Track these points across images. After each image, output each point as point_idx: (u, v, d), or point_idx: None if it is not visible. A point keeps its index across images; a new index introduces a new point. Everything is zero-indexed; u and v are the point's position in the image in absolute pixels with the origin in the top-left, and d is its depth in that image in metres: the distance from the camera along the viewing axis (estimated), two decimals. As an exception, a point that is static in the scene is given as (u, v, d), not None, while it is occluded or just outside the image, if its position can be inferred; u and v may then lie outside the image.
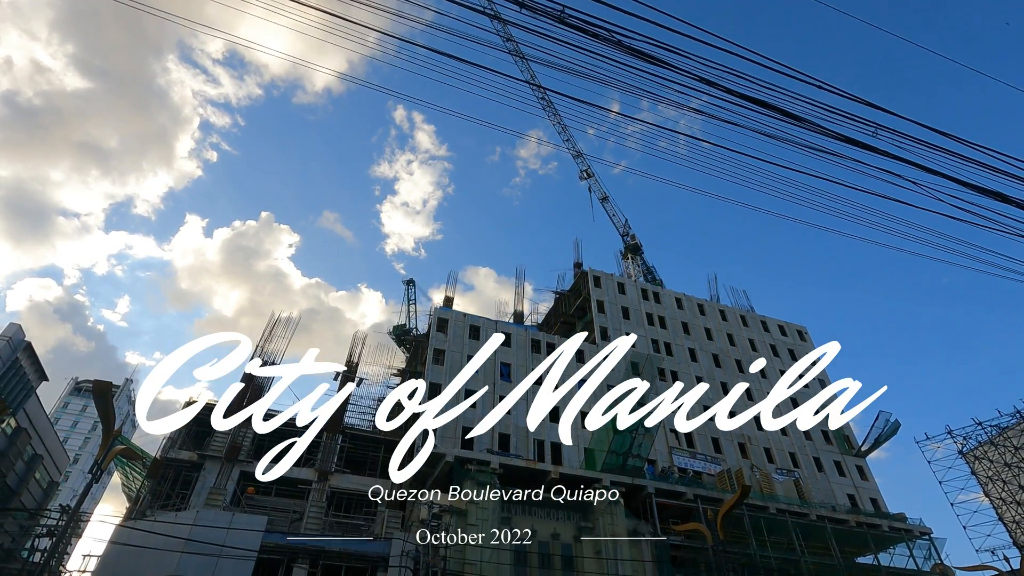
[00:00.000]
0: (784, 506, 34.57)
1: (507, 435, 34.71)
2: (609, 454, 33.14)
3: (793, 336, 52.26)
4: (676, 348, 45.63)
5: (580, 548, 29.13)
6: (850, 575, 32.71)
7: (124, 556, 23.64)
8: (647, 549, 29.64)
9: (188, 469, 30.52)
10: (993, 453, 54.71)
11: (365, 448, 34.22)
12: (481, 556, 25.45)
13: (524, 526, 29.22)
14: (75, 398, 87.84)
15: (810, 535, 33.65)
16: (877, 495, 41.96)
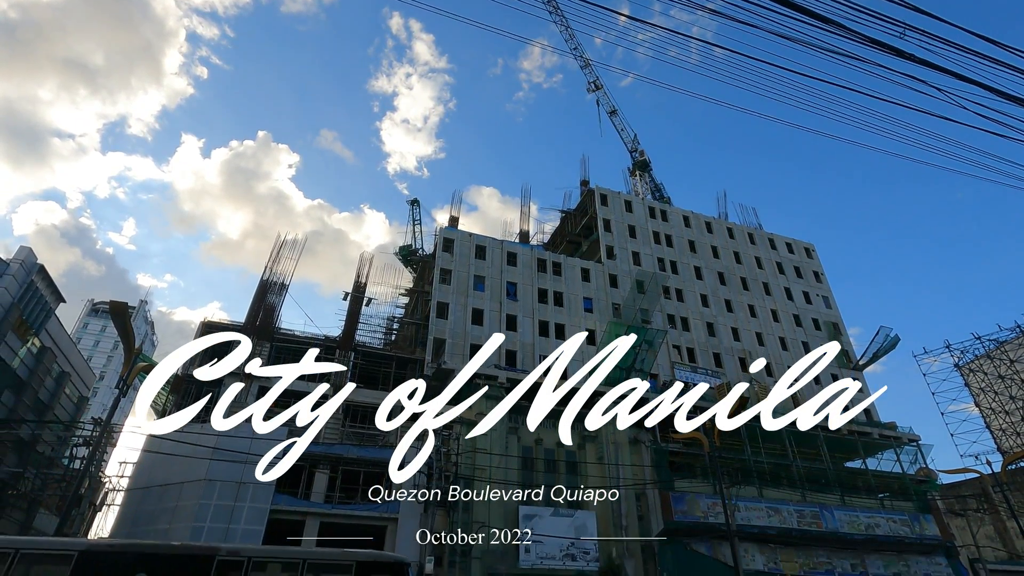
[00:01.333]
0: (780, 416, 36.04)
1: (514, 351, 35.74)
2: (613, 369, 34.19)
3: (800, 253, 52.06)
4: (682, 266, 45.72)
5: (583, 454, 30.85)
6: (838, 478, 34.67)
7: (156, 463, 25.39)
8: (647, 455, 31.36)
9: (209, 385, 31.90)
10: (988, 366, 56.03)
11: (377, 364, 35.45)
12: (490, 462, 27.07)
13: (530, 435, 30.86)
14: (93, 319, 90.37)
15: (803, 442, 35.36)
16: (871, 406, 43.55)
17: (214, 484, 24.36)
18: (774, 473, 33.18)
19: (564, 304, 39.36)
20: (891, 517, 33.10)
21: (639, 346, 34.35)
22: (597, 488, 28.78)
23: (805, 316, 47.07)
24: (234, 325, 34.53)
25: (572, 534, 27.47)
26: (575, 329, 38.45)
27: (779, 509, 30.87)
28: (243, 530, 23.89)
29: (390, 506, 26.34)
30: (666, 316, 41.51)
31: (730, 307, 44.81)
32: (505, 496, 27.25)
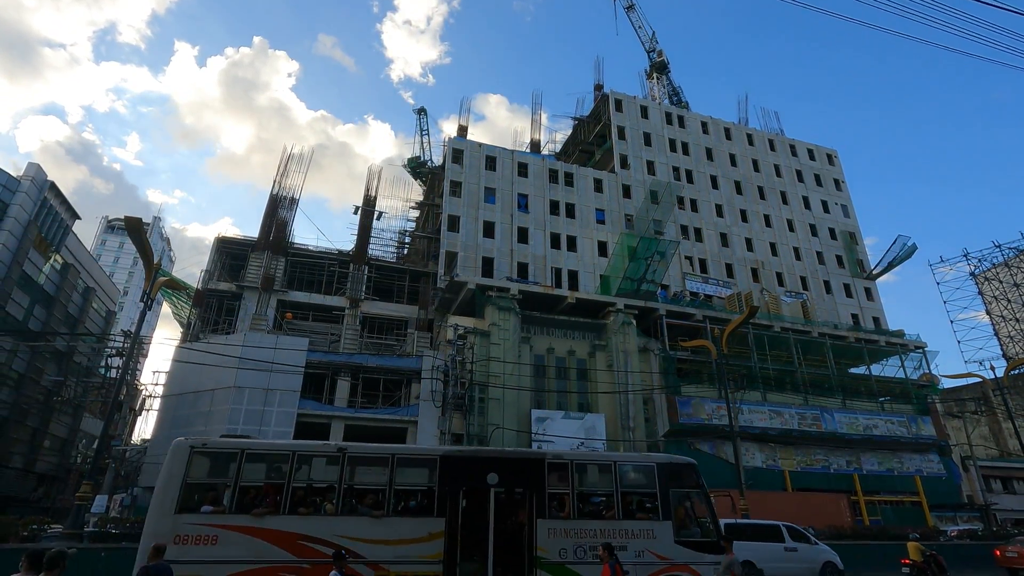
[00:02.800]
0: (788, 325, 36.58)
1: (525, 263, 35.94)
2: (624, 280, 34.43)
3: (822, 160, 50.18)
4: (698, 175, 44.46)
5: (594, 362, 31.90)
6: (841, 383, 35.72)
7: (188, 372, 26.74)
8: (655, 362, 32.35)
9: (229, 299, 32.81)
10: (1004, 274, 55.51)
11: (391, 278, 35.99)
12: (504, 370, 28.15)
13: (543, 344, 31.78)
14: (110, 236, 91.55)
15: (809, 350, 36.11)
16: (880, 314, 43.89)
17: (243, 391, 25.77)
18: (779, 379, 34.22)
19: (576, 216, 38.92)
20: (889, 419, 34.44)
21: (650, 257, 34.30)
22: (606, 393, 30.04)
23: (822, 225, 46.24)
24: (248, 240, 34.87)
25: (582, 435, 29.06)
26: (587, 241, 38.30)
27: (781, 412, 32.17)
28: (273, 432, 25.57)
29: (410, 409, 27.86)
30: (679, 227, 41.02)
31: (745, 217, 44.04)
32: (518, 400, 28.60)
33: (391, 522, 9.05)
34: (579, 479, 10.04)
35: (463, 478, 9.66)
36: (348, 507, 9.14)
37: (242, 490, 8.94)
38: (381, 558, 8.74)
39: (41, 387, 34.38)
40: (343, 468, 9.25)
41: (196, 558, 8.28)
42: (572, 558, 9.20)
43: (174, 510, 8.58)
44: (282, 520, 8.75)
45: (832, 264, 44.69)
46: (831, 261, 44.78)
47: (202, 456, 9.12)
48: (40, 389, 34.27)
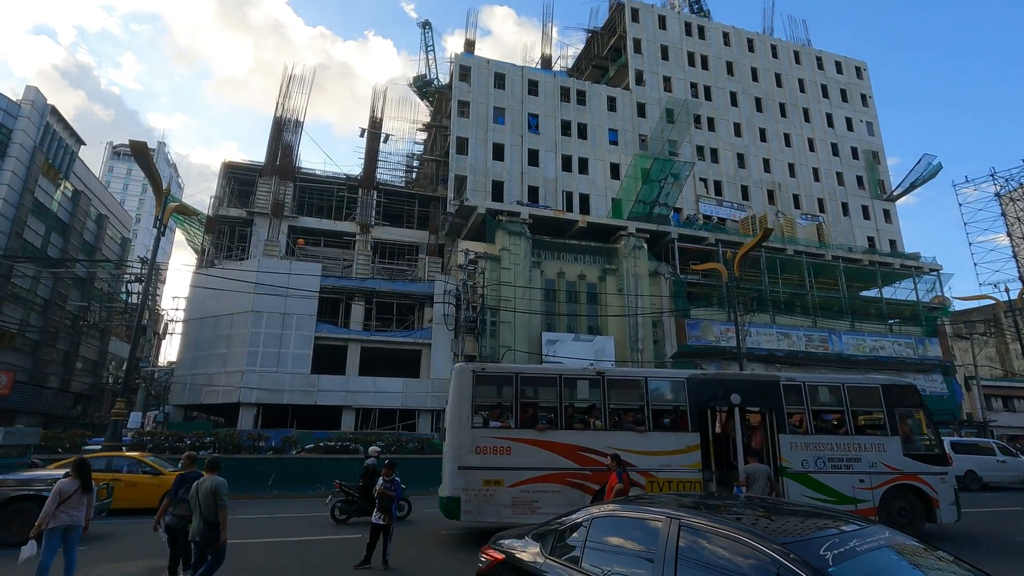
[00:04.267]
0: (802, 248, 36.14)
1: (536, 187, 35.30)
2: (636, 203, 33.83)
3: (850, 73, 47.37)
4: (716, 91, 42.33)
5: (604, 286, 32.06)
6: (852, 305, 35.77)
7: (207, 297, 27.36)
8: (665, 286, 32.44)
9: (240, 225, 32.89)
10: (1032, 194, 53.62)
11: (400, 203, 35.67)
12: (514, 294, 28.45)
13: (553, 269, 31.85)
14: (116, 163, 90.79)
15: (822, 273, 35.88)
16: (897, 237, 43.10)
17: (261, 315, 26.43)
18: (789, 302, 34.30)
19: (588, 137, 37.66)
20: (897, 340, 34.73)
21: (664, 179, 33.47)
22: (616, 316, 30.42)
23: (844, 144, 44.43)
24: (255, 165, 34.43)
25: (591, 356, 29.76)
26: (599, 163, 37.30)
27: (789, 334, 32.51)
28: (293, 354, 26.47)
29: (424, 332, 28.55)
30: (694, 147, 39.65)
31: (764, 136, 42.35)
32: (529, 323, 29.12)
33: (653, 436, 10.18)
34: (811, 399, 10.94)
35: (710, 398, 10.76)
36: (613, 423, 10.27)
37: (522, 408, 10.08)
38: (649, 467, 9.94)
39: (67, 312, 35.50)
40: (604, 389, 10.34)
41: (496, 465, 9.62)
42: (813, 468, 10.25)
43: (470, 425, 9.79)
44: (561, 434, 9.95)
45: (852, 185, 43.39)
46: (851, 182, 43.44)
47: (482, 379, 10.27)
48: (66, 314, 35.40)
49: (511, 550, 4.02)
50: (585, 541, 3.52)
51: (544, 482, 9.66)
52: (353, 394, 26.76)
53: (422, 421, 27.23)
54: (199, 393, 26.75)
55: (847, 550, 2.54)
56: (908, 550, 2.77)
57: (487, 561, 4.15)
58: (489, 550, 4.24)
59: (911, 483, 10.27)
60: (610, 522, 3.56)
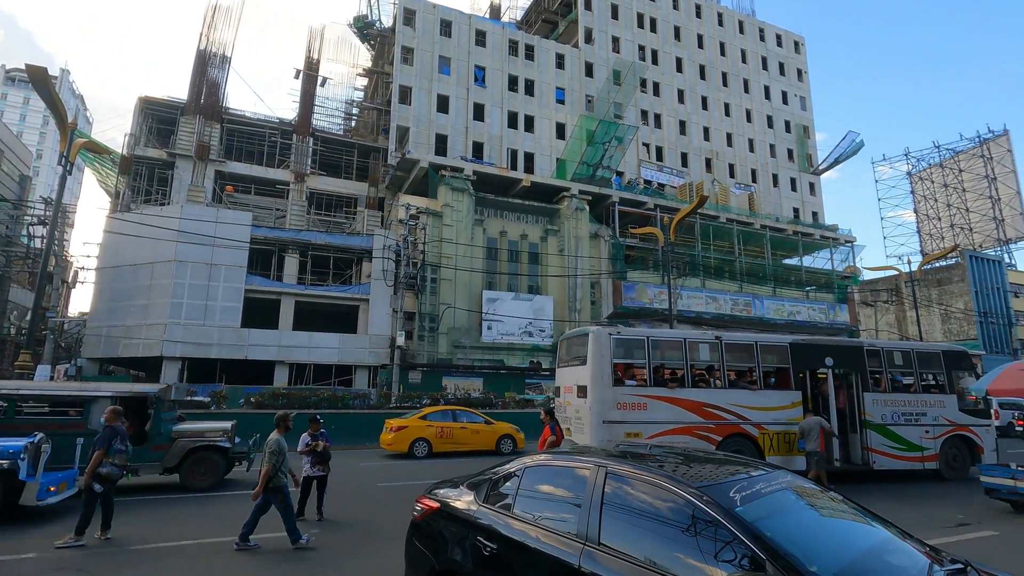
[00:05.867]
0: (734, 216, 37.78)
1: (481, 143, 34.65)
2: (580, 165, 34.00)
3: (788, 47, 48.81)
4: (663, 56, 42.56)
5: (546, 246, 32.37)
6: (775, 272, 38.06)
7: (124, 244, 25.41)
8: (605, 248, 33.17)
9: (161, 167, 30.48)
10: (938, 175, 58.23)
11: (338, 152, 34.11)
12: (456, 251, 28.23)
13: (496, 227, 31.75)
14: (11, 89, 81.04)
15: (750, 241, 37.79)
16: (819, 209, 45.85)
17: (185, 264, 24.93)
18: (719, 267, 36.02)
19: (535, 94, 37.10)
20: (812, 306, 37.44)
21: (608, 142, 33.71)
22: (556, 276, 30.93)
23: (778, 117, 46.18)
24: (176, 102, 31.73)
25: (531, 315, 30.29)
26: (546, 122, 36.97)
27: (717, 298, 34.28)
28: (221, 307, 25.28)
29: (362, 287, 27.95)
30: (639, 111, 40.00)
31: (705, 105, 43.26)
32: (470, 281, 29.11)
33: (764, 393, 11.45)
34: (888, 362, 12.47)
35: (809, 360, 12.03)
36: (731, 382, 11.40)
37: (654, 368, 11.02)
38: (761, 420, 11.17)
39: (-43, 256, 32.01)
40: (721, 352, 11.43)
41: (635, 420, 10.52)
42: (890, 421, 11.84)
43: (611, 384, 10.53)
44: (688, 392, 11.00)
45: (783, 157, 45.41)
46: (782, 154, 45.44)
47: (619, 342, 11.02)
48: (-44, 258, 31.93)
49: (446, 499, 4.12)
50: (518, 489, 3.65)
51: (676, 434, 10.62)
52: (287, 349, 26.04)
53: (359, 376, 26.98)
54: (116, 346, 25.17)
55: (753, 492, 2.79)
56: (805, 492, 3.08)
57: (422, 510, 4.24)
58: (424, 499, 4.32)
59: (964, 434, 12.13)
60: (542, 471, 3.71)
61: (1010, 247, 53.26)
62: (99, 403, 9.19)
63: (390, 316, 27.08)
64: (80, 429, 9.07)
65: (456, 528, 3.84)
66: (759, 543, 2.40)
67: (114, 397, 9.31)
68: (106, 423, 6.92)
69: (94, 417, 9.09)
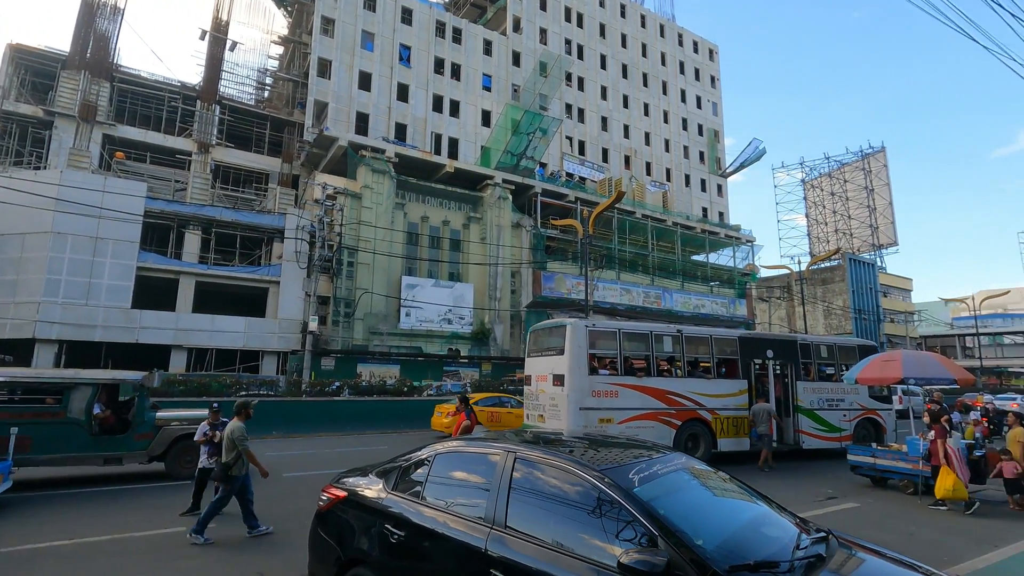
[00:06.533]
0: (649, 213, 39.55)
1: (404, 124, 33.78)
2: (505, 154, 34.11)
3: (704, 54, 51.53)
4: (588, 52, 43.48)
5: (468, 233, 32.26)
6: (683, 268, 40.37)
7: (-14, 211, 22.33)
8: (526, 238, 33.59)
9: (36, 127, 27.09)
10: (827, 184, 64.15)
11: (248, 123, 31.95)
12: (375, 235, 27.43)
13: (417, 212, 31.20)
14: None
15: (663, 237, 39.78)
16: (725, 210, 49.07)
17: (64, 237, 22.37)
18: (633, 261, 37.64)
19: (462, 78, 36.65)
20: (715, 300, 40.13)
21: (533, 133, 34.06)
22: (477, 264, 30.94)
23: (692, 120, 48.75)
24: (56, 54, 28.25)
25: (451, 302, 30.13)
26: (471, 108, 36.67)
27: (631, 290, 35.84)
28: (108, 285, 22.99)
29: (272, 269, 26.48)
30: (564, 104, 40.69)
31: (626, 103, 44.78)
32: (389, 266, 28.45)
33: (717, 382, 12.61)
34: (816, 354, 13.99)
35: (754, 352, 13.38)
36: (689, 371, 12.47)
37: (624, 358, 11.83)
38: (714, 406, 12.33)
39: None
40: (682, 344, 12.49)
41: (608, 406, 11.30)
42: (817, 406, 13.44)
43: (587, 373, 11.22)
44: (654, 380, 11.95)
45: (695, 159, 48.05)
46: (694, 156, 48.08)
47: (594, 333, 11.73)
48: None
49: (355, 487, 4.02)
50: (428, 476, 3.63)
51: (643, 419, 11.53)
52: (186, 332, 24.18)
53: (267, 362, 25.62)
54: (-23, 326, 22.20)
55: (651, 473, 2.96)
56: (698, 472, 3.31)
57: (328, 499, 4.11)
58: (331, 488, 4.19)
59: (872, 417, 13.95)
60: (452, 457, 3.71)
61: (882, 252, 59.85)
62: (79, 390, 8.87)
63: (303, 300, 25.90)
64: (60, 418, 8.67)
65: (364, 517, 3.77)
66: (653, 521, 2.54)
67: (96, 384, 9.10)
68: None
69: (74, 405, 8.78)
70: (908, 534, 7.03)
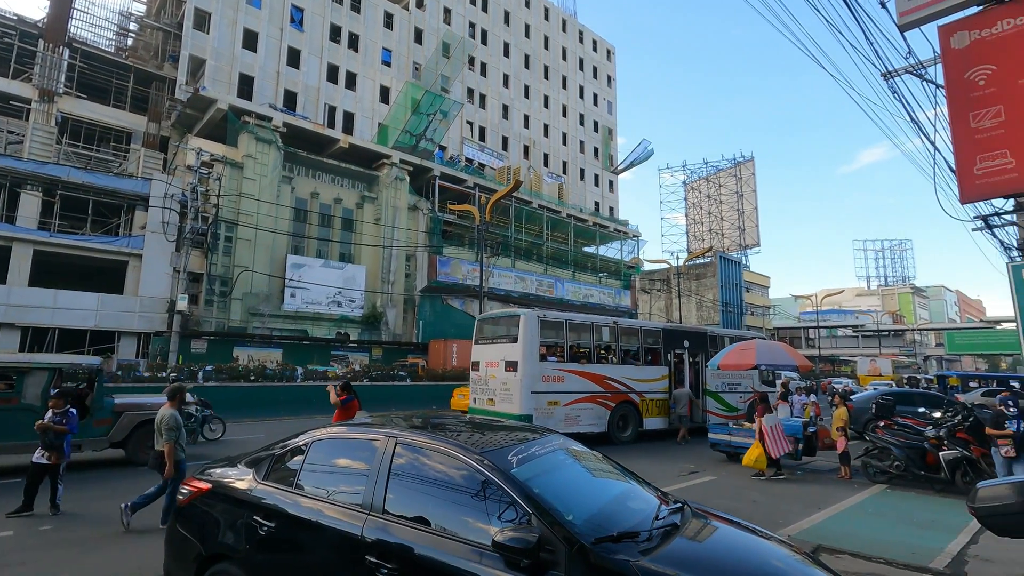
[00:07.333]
0: (545, 203, 40.59)
1: (294, 92, 31.57)
2: (403, 133, 33.17)
3: (602, 53, 53.55)
4: (492, 38, 43.39)
5: (362, 213, 31.03)
6: (575, 258, 42.06)
7: None
8: (423, 221, 33.03)
9: None
10: (705, 187, 69.91)
11: (106, 73, 28.08)
12: (259, 209, 25.47)
13: (307, 187, 29.45)
14: None
15: (557, 227, 41.08)
16: (616, 205, 51.70)
17: None
18: (528, 250, 38.51)
19: (360, 50, 34.92)
20: (603, 290, 42.30)
21: (433, 114, 33.44)
22: (370, 246, 29.90)
23: (589, 117, 50.61)
24: None
25: (341, 284, 28.89)
26: (369, 82, 35.11)
27: (525, 278, 36.68)
28: (-86, 250, 19.20)
29: (133, 241, 23.63)
30: (465, 88, 40.34)
31: (527, 93, 45.40)
32: (274, 243, 26.61)
33: (644, 368, 14.33)
34: (721, 344, 15.36)
35: (674, 342, 15.21)
36: (622, 359, 14.07)
37: (570, 347, 13.14)
38: (642, 390, 14.04)
39: None
40: (617, 334, 14.09)
41: (555, 390, 12.51)
42: (721, 390, 15.24)
43: (538, 360, 12.40)
44: (595, 367, 13.34)
45: (590, 155, 50.01)
46: (589, 152, 50.02)
47: (544, 323, 12.84)
48: None
49: (221, 479, 3.74)
50: (303, 463, 3.47)
51: (583, 402, 12.89)
52: (19, 309, 20.88)
53: (125, 344, 22.91)
54: None
55: (528, 455, 3.06)
56: (574, 453, 3.48)
57: (189, 492, 3.78)
58: (193, 481, 3.86)
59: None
60: (331, 443, 3.56)
61: (747, 252, 66.56)
62: (33, 376, 8.61)
63: (170, 276, 23.46)
64: (14, 404, 8.38)
65: (230, 509, 3.52)
66: (528, 500, 2.63)
67: (53, 368, 8.87)
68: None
69: (28, 391, 8.53)
70: (752, 502, 7.95)
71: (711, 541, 2.91)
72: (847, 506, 7.86)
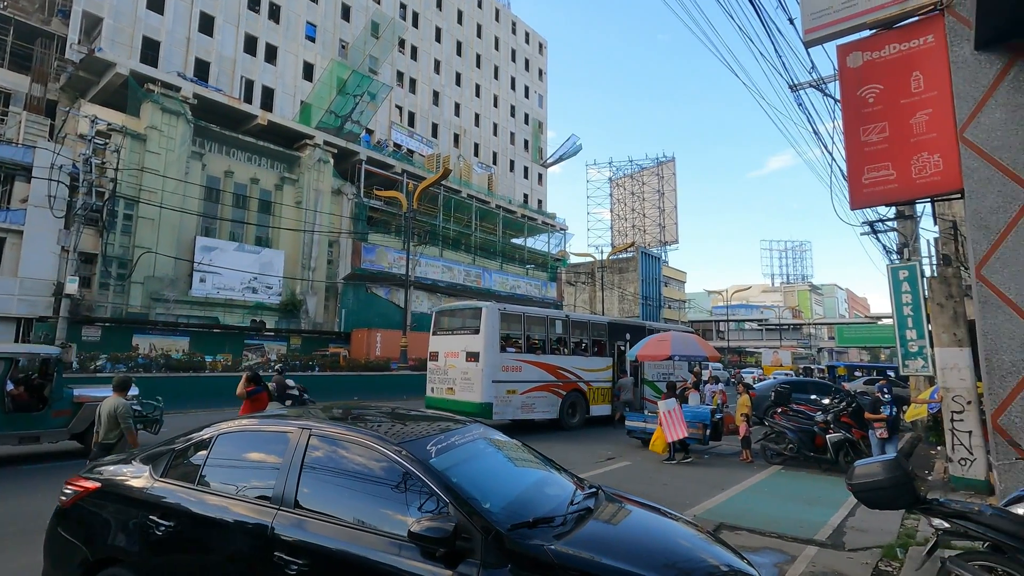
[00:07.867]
0: (475, 193, 40.41)
1: (207, 62, 29.37)
2: (328, 114, 31.81)
3: (534, 46, 53.87)
4: (424, 21, 42.43)
5: (281, 195, 29.50)
6: (503, 249, 42.26)
7: None
8: (347, 206, 31.90)
9: None
10: (629, 184, 72.37)
11: (-19, 23, 24.77)
12: (164, 186, 23.52)
13: (220, 165, 27.59)
14: None
15: (486, 218, 41.03)
16: (544, 198, 52.43)
17: None
18: (456, 239, 38.22)
19: (282, 22, 33.00)
20: (530, 282, 42.84)
21: (361, 96, 32.28)
22: (290, 230, 28.51)
23: (520, 109, 50.84)
24: None
25: (257, 269, 27.37)
26: (291, 57, 33.31)
27: (452, 268, 36.40)
28: None
29: (12, 215, 21.10)
30: (395, 71, 39.24)
31: (459, 81, 44.88)
32: (181, 224, 24.72)
33: (592, 359, 15.40)
34: None
35: (617, 335, 16.29)
36: (573, 350, 15.06)
37: (527, 338, 14.00)
38: (589, 379, 15.04)
39: None
40: (568, 327, 15.32)
41: (513, 379, 13.14)
42: (655, 378, 16.27)
43: (499, 350, 13.02)
44: (549, 357, 14.23)
45: (520, 147, 50.31)
46: (520, 144, 50.31)
47: (504, 316, 13.51)
48: None
49: (113, 476, 3.45)
50: (207, 458, 3.27)
51: (538, 391, 13.67)
52: None
53: (1, 331, 20.50)
54: None
55: (448, 444, 3.05)
56: (494, 442, 3.50)
57: (74, 493, 3.46)
58: (79, 480, 3.53)
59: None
60: (238, 437, 3.38)
61: (666, 248, 69.75)
62: None
63: (57, 256, 21.21)
64: None
65: (122, 509, 3.26)
66: (446, 489, 2.62)
67: (9, 359, 8.59)
68: None
69: None
70: (663, 484, 8.40)
71: (622, 524, 3.04)
72: (746, 486, 8.50)
